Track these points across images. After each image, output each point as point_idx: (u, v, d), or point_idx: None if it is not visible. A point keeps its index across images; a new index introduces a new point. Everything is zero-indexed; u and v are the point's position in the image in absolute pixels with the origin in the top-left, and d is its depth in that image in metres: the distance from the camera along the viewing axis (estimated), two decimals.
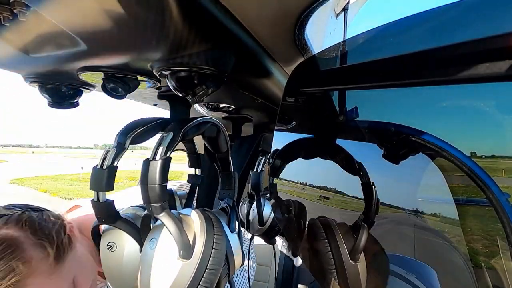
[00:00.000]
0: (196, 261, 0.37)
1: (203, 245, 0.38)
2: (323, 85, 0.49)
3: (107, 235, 0.46)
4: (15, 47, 0.39)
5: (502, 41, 0.28)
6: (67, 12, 0.29)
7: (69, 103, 0.58)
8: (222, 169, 0.54)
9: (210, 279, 0.37)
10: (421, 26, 0.39)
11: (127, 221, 0.45)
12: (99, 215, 0.42)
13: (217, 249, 0.39)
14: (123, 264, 0.45)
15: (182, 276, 0.36)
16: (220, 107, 0.72)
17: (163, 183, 0.37)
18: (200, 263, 0.37)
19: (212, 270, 0.38)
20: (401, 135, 0.42)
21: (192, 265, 0.37)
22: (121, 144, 0.41)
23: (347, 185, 0.52)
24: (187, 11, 0.29)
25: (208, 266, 0.38)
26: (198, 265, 0.37)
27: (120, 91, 0.46)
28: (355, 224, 0.47)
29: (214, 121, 0.48)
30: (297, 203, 0.58)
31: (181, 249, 0.37)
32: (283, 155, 0.57)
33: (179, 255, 0.37)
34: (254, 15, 0.34)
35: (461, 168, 0.38)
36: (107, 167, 0.39)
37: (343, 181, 0.53)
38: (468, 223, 0.40)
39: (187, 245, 0.37)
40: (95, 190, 0.40)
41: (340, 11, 0.52)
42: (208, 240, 0.39)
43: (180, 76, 0.40)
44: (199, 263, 0.37)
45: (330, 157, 0.52)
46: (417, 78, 0.35)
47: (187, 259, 0.37)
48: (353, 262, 0.45)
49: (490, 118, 0.36)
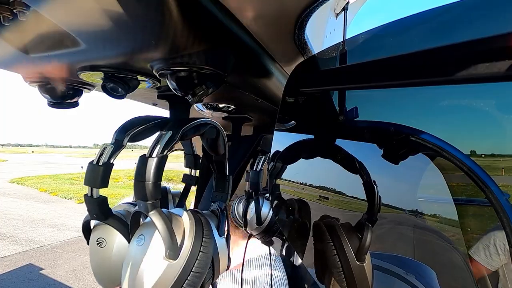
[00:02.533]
0: (182, 263, 0.37)
1: (191, 247, 0.38)
2: (323, 85, 0.49)
3: (97, 231, 0.46)
4: (15, 47, 0.39)
5: (502, 41, 0.28)
6: (67, 12, 0.29)
7: (69, 103, 0.58)
8: (218, 171, 0.54)
9: (194, 281, 0.37)
10: (421, 26, 0.39)
11: (118, 219, 0.45)
12: (91, 210, 0.42)
13: (204, 252, 0.39)
14: (112, 261, 0.45)
15: (166, 276, 0.36)
16: (220, 107, 0.72)
17: (157, 181, 0.36)
18: (186, 265, 0.37)
19: (197, 273, 0.38)
20: (401, 134, 0.42)
21: (178, 266, 0.37)
22: (119, 142, 0.41)
23: (347, 185, 0.52)
24: (187, 11, 0.29)
25: (194, 268, 0.37)
26: (184, 267, 0.37)
27: (120, 91, 0.46)
28: (358, 224, 0.47)
29: (214, 123, 0.48)
30: (298, 203, 0.58)
31: (168, 249, 0.37)
32: (282, 155, 0.57)
33: (166, 255, 0.37)
34: (254, 15, 0.34)
35: (460, 168, 0.38)
36: (103, 164, 0.39)
37: (343, 181, 0.53)
38: (468, 223, 0.40)
39: (175, 246, 0.37)
40: (89, 186, 0.40)
41: (340, 11, 0.52)
42: (196, 243, 0.38)
43: (180, 76, 0.40)
44: (185, 265, 0.37)
45: (330, 157, 0.52)
46: (416, 78, 0.35)
47: (173, 259, 0.37)
48: (360, 263, 0.45)
49: (491, 118, 0.36)
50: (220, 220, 0.48)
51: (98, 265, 0.46)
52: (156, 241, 0.37)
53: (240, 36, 0.37)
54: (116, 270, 0.44)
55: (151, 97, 0.71)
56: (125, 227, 0.45)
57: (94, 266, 0.46)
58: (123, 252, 0.44)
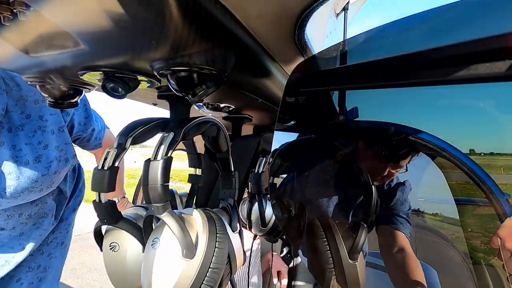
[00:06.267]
0: (199, 260, 0.37)
1: (206, 244, 0.38)
2: (323, 85, 0.49)
3: (109, 236, 0.46)
4: (15, 47, 0.39)
5: (502, 41, 0.28)
6: (67, 12, 0.29)
7: (69, 103, 0.58)
8: (223, 168, 0.54)
9: (213, 278, 0.38)
10: (421, 26, 0.39)
11: (129, 222, 0.45)
12: (101, 216, 0.42)
13: (220, 248, 0.39)
14: (126, 264, 0.45)
15: (185, 275, 0.37)
16: (220, 107, 0.72)
17: (165, 183, 0.37)
18: (203, 262, 0.37)
19: (215, 269, 0.38)
20: (401, 134, 0.42)
21: (195, 264, 0.37)
22: (122, 145, 0.41)
23: (346, 185, 0.52)
24: (187, 11, 0.29)
25: (211, 265, 0.38)
26: (201, 264, 0.37)
27: (120, 91, 0.46)
28: (354, 223, 0.47)
29: (215, 121, 0.48)
30: (297, 203, 0.58)
31: (184, 249, 0.37)
32: (283, 155, 0.57)
33: (182, 255, 0.37)
34: (254, 15, 0.34)
35: (460, 168, 0.38)
36: (108, 168, 0.40)
37: (342, 180, 0.53)
38: (468, 222, 0.40)
39: (190, 245, 0.37)
40: (96, 191, 0.40)
41: (340, 11, 0.52)
42: (210, 239, 0.39)
43: (180, 76, 0.40)
44: (202, 262, 0.37)
45: (330, 157, 0.52)
46: (417, 78, 0.35)
47: (190, 258, 0.37)
48: (352, 262, 0.45)
49: (491, 118, 0.36)
50: (231, 216, 0.48)
51: (114, 269, 0.46)
52: (172, 242, 0.38)
53: (240, 36, 0.37)
54: (131, 273, 0.45)
55: (151, 97, 0.72)
56: (137, 230, 0.45)
57: (110, 271, 0.46)
58: (137, 255, 0.45)
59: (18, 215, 0.96)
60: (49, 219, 1.07)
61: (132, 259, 0.45)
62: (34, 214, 1.01)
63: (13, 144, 0.85)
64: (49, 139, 0.92)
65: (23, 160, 0.86)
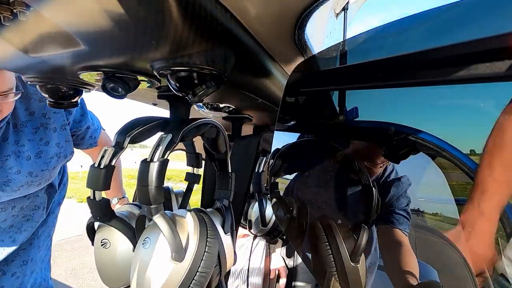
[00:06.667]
0: (188, 264, 0.38)
1: (196, 248, 0.39)
2: (323, 85, 0.49)
3: (101, 232, 0.47)
4: (15, 47, 0.39)
5: (502, 41, 0.28)
6: (67, 12, 0.29)
7: (69, 103, 0.58)
8: (220, 169, 0.54)
9: (201, 281, 0.38)
10: (421, 26, 0.39)
11: (122, 220, 0.46)
12: (95, 213, 0.43)
13: (209, 252, 0.40)
14: (116, 262, 0.45)
15: (173, 278, 0.37)
16: (220, 107, 0.72)
17: (159, 185, 0.37)
18: (192, 266, 0.38)
19: (203, 273, 0.39)
20: (401, 134, 0.42)
21: (184, 267, 0.38)
22: (120, 144, 0.41)
23: (346, 185, 0.52)
24: (187, 11, 0.29)
25: (200, 269, 0.38)
26: (190, 268, 0.38)
27: (120, 91, 0.46)
28: (356, 225, 0.47)
29: (214, 123, 0.48)
30: (297, 203, 0.58)
31: (173, 251, 0.37)
32: (283, 155, 0.57)
33: (171, 257, 0.38)
34: (254, 15, 0.34)
35: (460, 168, 0.38)
36: (104, 166, 0.40)
37: (342, 180, 0.53)
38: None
39: (180, 248, 0.38)
40: (92, 189, 0.41)
41: (340, 11, 0.52)
42: (200, 243, 0.39)
43: (180, 76, 0.40)
44: (191, 266, 0.38)
45: (330, 157, 0.52)
46: (417, 78, 0.35)
47: (179, 261, 0.38)
48: (354, 264, 0.45)
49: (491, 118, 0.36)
50: (224, 218, 0.48)
51: (103, 265, 0.47)
52: (162, 244, 0.38)
53: (240, 36, 0.37)
54: (120, 270, 0.45)
55: (151, 97, 0.71)
56: (128, 228, 0.46)
57: (99, 266, 0.47)
58: (127, 252, 0.45)
59: (11, 208, 0.98)
60: (40, 212, 1.09)
61: (121, 257, 0.45)
62: (26, 207, 1.03)
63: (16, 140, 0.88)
64: (51, 136, 0.95)
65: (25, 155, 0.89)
